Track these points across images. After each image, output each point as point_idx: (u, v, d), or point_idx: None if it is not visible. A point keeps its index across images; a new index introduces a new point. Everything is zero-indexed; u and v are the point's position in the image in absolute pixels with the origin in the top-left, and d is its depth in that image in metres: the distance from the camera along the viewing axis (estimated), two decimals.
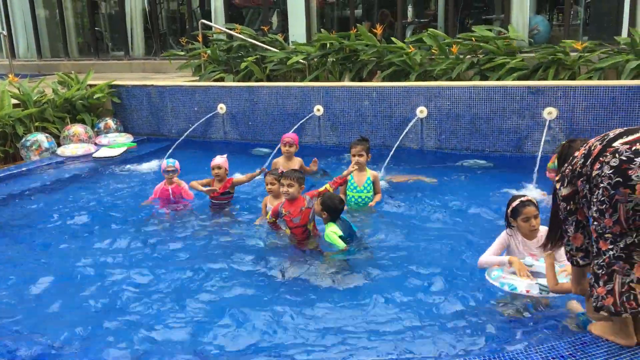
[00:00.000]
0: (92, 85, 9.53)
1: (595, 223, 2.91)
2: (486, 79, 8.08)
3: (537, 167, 6.17)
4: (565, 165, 3.13)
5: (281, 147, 6.59)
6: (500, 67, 8.06)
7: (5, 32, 14.63)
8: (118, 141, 8.89)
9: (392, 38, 9.30)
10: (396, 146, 7.28)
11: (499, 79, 7.88)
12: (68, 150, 8.30)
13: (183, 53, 11.53)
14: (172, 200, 6.04)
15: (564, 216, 3.10)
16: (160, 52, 13.97)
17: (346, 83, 8.49)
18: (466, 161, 7.37)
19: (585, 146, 3.03)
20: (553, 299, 3.63)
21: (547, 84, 7.14)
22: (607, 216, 2.83)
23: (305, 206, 4.94)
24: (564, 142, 3.53)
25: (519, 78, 7.87)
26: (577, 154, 3.04)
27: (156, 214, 5.91)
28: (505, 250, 4.06)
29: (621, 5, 9.45)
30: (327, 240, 4.72)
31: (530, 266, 3.79)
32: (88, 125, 9.08)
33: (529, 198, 3.96)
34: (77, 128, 8.76)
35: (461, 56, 8.48)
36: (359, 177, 5.74)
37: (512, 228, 4.01)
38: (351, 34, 9.25)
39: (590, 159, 2.92)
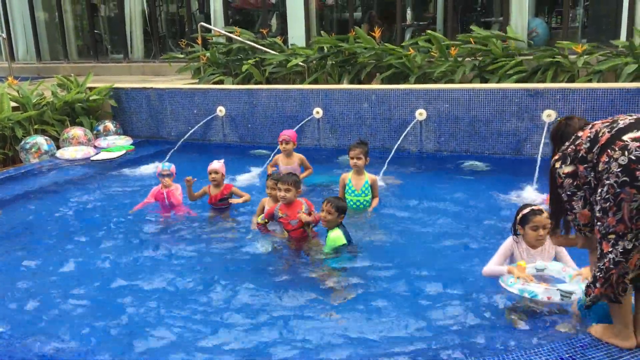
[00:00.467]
0: (92, 88, 9.53)
1: (598, 223, 2.89)
2: (485, 82, 8.09)
3: (537, 169, 6.17)
4: (566, 144, 3.07)
5: (279, 144, 6.56)
6: (499, 70, 8.08)
7: (4, 35, 14.64)
8: (117, 144, 8.89)
9: (388, 45, 9.31)
10: (395, 149, 7.29)
11: (498, 82, 7.89)
12: (67, 152, 8.30)
13: (182, 56, 11.54)
14: (167, 204, 6.03)
15: (571, 192, 3.02)
16: (159, 55, 13.98)
17: (345, 85, 8.51)
18: (465, 164, 7.38)
19: (590, 129, 2.98)
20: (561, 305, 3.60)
21: (546, 87, 7.15)
22: (611, 214, 2.80)
23: (302, 210, 4.93)
24: (561, 119, 3.38)
25: (518, 80, 7.88)
26: (582, 136, 2.98)
27: (153, 218, 5.90)
28: (509, 258, 4.02)
29: (620, 8, 9.47)
30: (331, 243, 4.65)
31: (542, 270, 3.75)
32: (87, 128, 9.08)
33: (541, 208, 3.89)
34: (77, 131, 8.76)
35: (460, 59, 8.49)
36: (357, 181, 5.73)
37: (518, 235, 3.97)
38: (350, 37, 9.27)
39: (597, 147, 2.86)
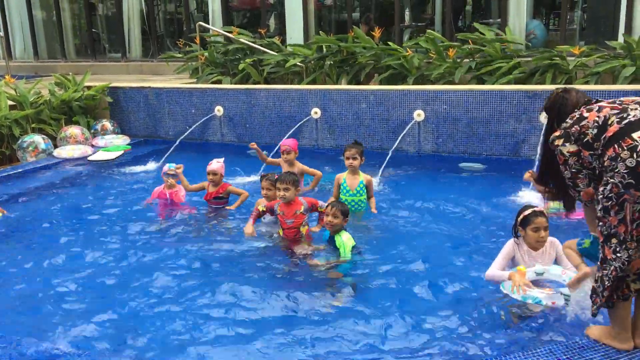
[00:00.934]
0: (89, 86, 9.51)
1: (600, 224, 2.85)
2: (483, 83, 8.10)
3: (535, 171, 6.17)
4: (569, 121, 2.97)
5: (280, 154, 6.52)
6: (497, 71, 8.09)
7: (2, 33, 14.58)
8: (115, 143, 8.88)
9: (389, 43, 9.32)
10: (393, 149, 7.29)
11: (496, 83, 7.90)
12: (65, 151, 8.29)
13: (180, 55, 11.53)
14: (169, 203, 6.02)
15: (576, 169, 2.94)
16: (157, 54, 13.96)
17: (344, 86, 8.51)
18: (463, 165, 7.38)
19: (598, 112, 2.88)
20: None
21: (544, 88, 7.16)
22: (613, 214, 2.77)
23: (300, 210, 4.93)
24: (558, 91, 3.22)
25: (516, 82, 7.89)
26: (589, 117, 2.89)
27: (151, 217, 5.89)
28: (510, 261, 4.00)
29: (617, 10, 9.49)
30: (341, 247, 4.58)
31: (541, 274, 3.74)
32: (85, 126, 9.06)
33: (542, 209, 3.89)
34: (74, 129, 8.75)
35: (458, 60, 8.49)
36: (352, 181, 5.73)
37: (519, 237, 3.97)
38: (349, 37, 9.27)
39: (604, 136, 2.79)
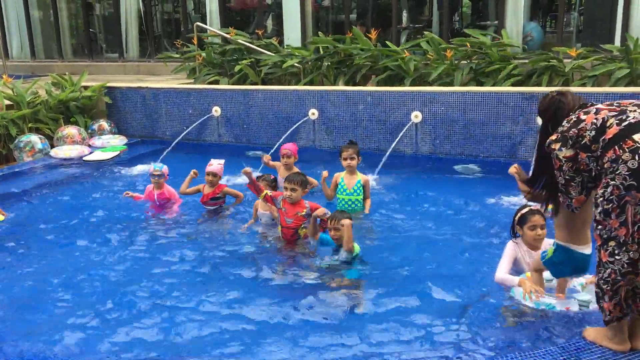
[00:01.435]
0: (86, 86, 9.50)
1: (599, 227, 2.84)
2: (481, 85, 8.12)
3: (531, 173, 6.18)
4: (565, 124, 2.95)
5: (280, 157, 6.51)
6: (494, 73, 8.10)
7: None
8: (112, 143, 8.87)
9: (387, 42, 9.33)
10: (390, 151, 7.30)
11: (494, 85, 7.92)
12: (62, 151, 8.27)
13: (178, 55, 11.51)
14: (157, 203, 6.02)
15: (570, 177, 2.94)
16: (154, 55, 13.94)
17: (341, 87, 8.51)
18: (460, 166, 7.39)
19: (596, 114, 2.86)
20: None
21: (541, 90, 7.17)
22: (614, 217, 2.75)
23: (302, 213, 4.92)
24: (553, 94, 3.18)
25: (513, 84, 7.91)
26: (586, 120, 2.87)
27: (148, 218, 5.88)
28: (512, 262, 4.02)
29: (614, 12, 9.52)
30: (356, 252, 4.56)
31: (550, 280, 3.74)
32: (82, 126, 9.05)
33: (538, 208, 3.91)
34: (71, 129, 8.73)
35: (456, 62, 8.51)
36: (349, 180, 5.75)
37: (518, 237, 3.98)
38: (346, 38, 9.27)
39: (603, 139, 2.78)
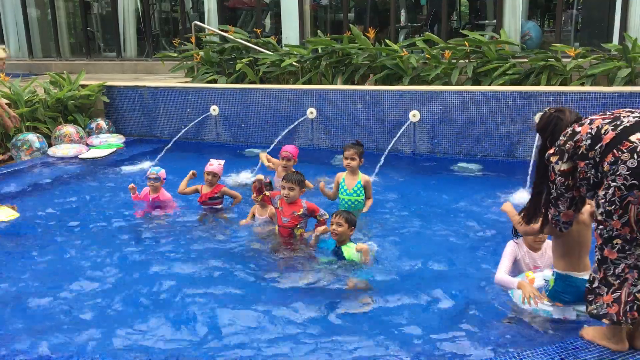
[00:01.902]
0: (84, 85, 9.48)
1: (600, 227, 2.85)
2: (479, 84, 8.12)
3: (530, 172, 6.19)
4: (562, 138, 2.99)
5: (280, 159, 6.42)
6: (493, 72, 8.11)
7: None
8: (109, 142, 8.86)
9: (387, 40, 9.32)
10: (388, 150, 7.29)
11: (492, 84, 7.92)
12: (59, 150, 8.26)
13: (176, 54, 11.50)
14: (152, 205, 6.01)
15: (560, 192, 3.01)
16: (152, 53, 13.92)
17: (339, 86, 8.51)
18: (458, 166, 7.39)
19: (590, 124, 2.90)
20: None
21: (539, 89, 7.18)
22: (616, 217, 2.76)
23: (299, 213, 4.92)
24: (550, 111, 3.23)
25: (512, 83, 7.91)
26: (581, 131, 2.90)
27: (145, 217, 5.86)
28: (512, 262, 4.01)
29: (612, 11, 9.53)
30: (351, 258, 4.52)
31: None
32: (80, 125, 9.03)
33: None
34: (69, 128, 8.72)
35: (454, 61, 8.51)
36: (350, 181, 5.74)
37: (519, 237, 3.97)
38: (345, 37, 9.27)
39: (600, 145, 2.80)
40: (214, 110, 8.84)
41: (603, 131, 2.83)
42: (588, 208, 3.28)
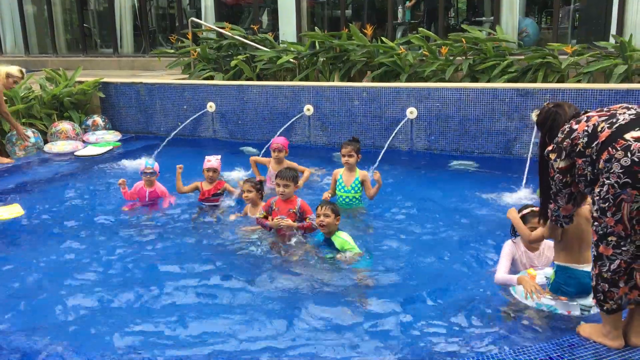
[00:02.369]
0: (81, 82, 9.45)
1: (595, 224, 2.88)
2: (476, 81, 8.11)
3: (527, 169, 6.19)
4: (560, 135, 3.02)
5: (271, 152, 6.50)
6: (490, 69, 8.10)
7: None
8: (106, 139, 8.84)
9: (383, 38, 9.31)
10: (386, 147, 7.28)
11: (489, 81, 7.91)
12: (55, 147, 8.24)
13: (173, 51, 11.46)
14: (147, 202, 5.98)
15: (558, 188, 3.06)
16: (149, 50, 13.89)
17: (336, 83, 8.49)
18: (455, 162, 7.39)
19: (587, 121, 2.92)
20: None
21: (536, 87, 7.18)
22: (609, 215, 2.78)
23: (294, 210, 4.92)
24: (549, 105, 3.24)
25: (509, 80, 7.90)
26: (578, 129, 2.93)
27: (144, 216, 5.84)
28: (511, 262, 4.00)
29: (609, 9, 9.53)
30: (344, 246, 4.58)
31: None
32: (76, 122, 9.00)
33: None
34: (65, 125, 8.69)
35: (451, 58, 8.50)
36: (348, 177, 5.74)
37: (517, 237, 3.97)
38: (342, 34, 9.25)
39: (596, 143, 2.82)
40: (211, 107, 8.82)
41: (599, 129, 2.85)
42: (588, 206, 3.29)
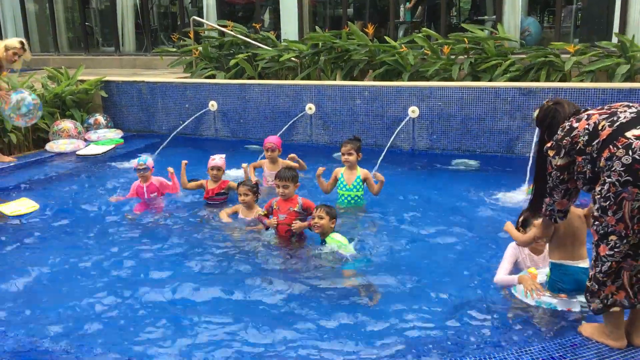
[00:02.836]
0: (83, 80, 9.45)
1: (596, 223, 2.88)
2: (478, 80, 8.10)
3: (529, 168, 6.18)
4: (560, 133, 3.04)
5: (264, 151, 6.44)
6: (492, 68, 8.08)
7: None
8: (108, 137, 8.84)
9: (386, 37, 9.30)
10: (388, 146, 7.27)
11: (491, 80, 7.90)
12: (57, 146, 8.24)
13: (174, 49, 11.46)
14: (147, 199, 5.97)
15: (555, 184, 3.09)
16: (151, 48, 13.89)
17: (338, 82, 8.48)
18: (457, 162, 7.38)
19: (587, 119, 2.93)
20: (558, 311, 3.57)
21: (538, 86, 7.17)
22: (610, 213, 2.78)
23: (295, 208, 4.91)
24: (549, 103, 3.27)
25: (511, 79, 7.89)
26: (578, 127, 2.94)
27: (143, 214, 5.84)
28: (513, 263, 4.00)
29: (612, 8, 9.51)
30: (338, 247, 4.57)
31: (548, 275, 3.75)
32: (78, 121, 9.00)
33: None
34: (67, 124, 8.69)
35: (452, 57, 8.49)
36: (349, 176, 5.74)
37: None
38: (343, 33, 9.24)
39: (597, 141, 2.83)
40: (213, 105, 8.82)
41: (600, 127, 2.85)
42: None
